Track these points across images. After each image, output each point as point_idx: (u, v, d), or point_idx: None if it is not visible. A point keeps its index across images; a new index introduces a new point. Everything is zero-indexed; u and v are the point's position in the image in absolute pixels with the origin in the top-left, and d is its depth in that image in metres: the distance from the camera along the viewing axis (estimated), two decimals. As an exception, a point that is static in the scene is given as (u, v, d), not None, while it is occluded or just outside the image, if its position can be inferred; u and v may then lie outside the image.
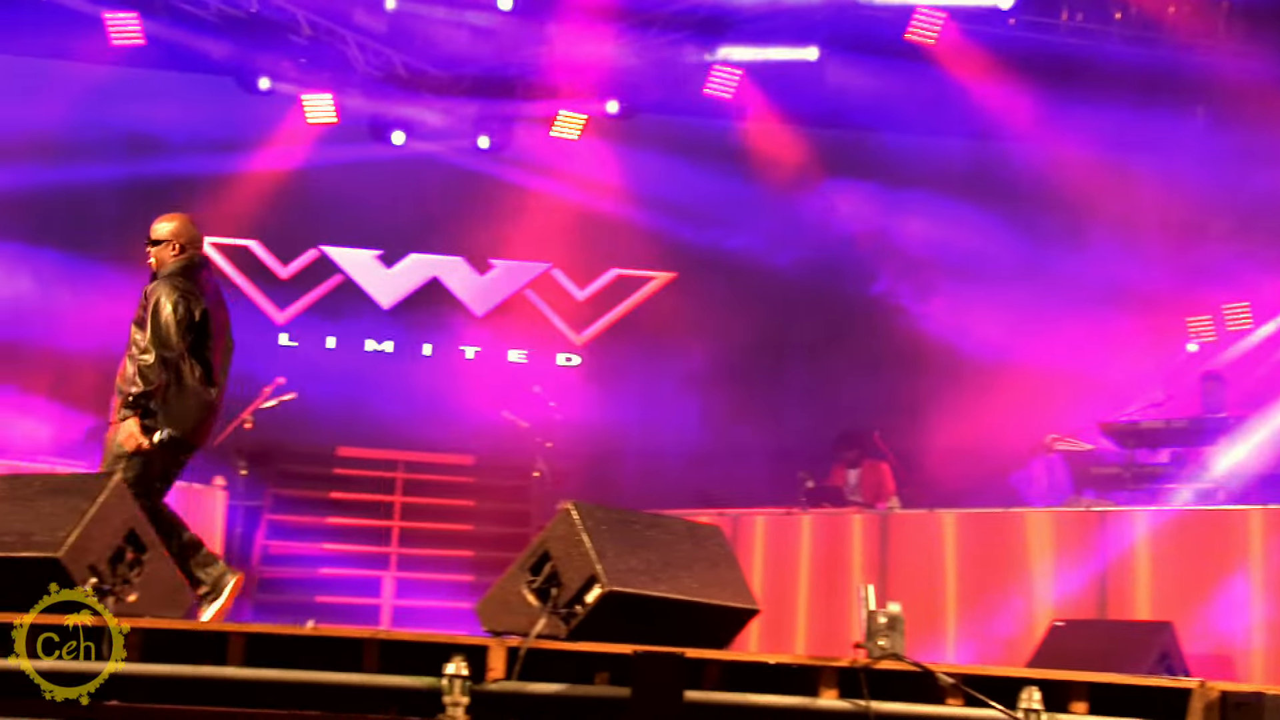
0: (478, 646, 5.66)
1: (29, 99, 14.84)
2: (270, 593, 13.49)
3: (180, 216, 8.01)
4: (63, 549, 5.92)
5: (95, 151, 15.17)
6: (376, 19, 15.05)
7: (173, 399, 7.62)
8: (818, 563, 11.53)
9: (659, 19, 14.94)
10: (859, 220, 15.73)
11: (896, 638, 5.78)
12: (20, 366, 14.33)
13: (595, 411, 15.59)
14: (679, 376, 15.82)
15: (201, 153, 15.30)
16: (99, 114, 15.00)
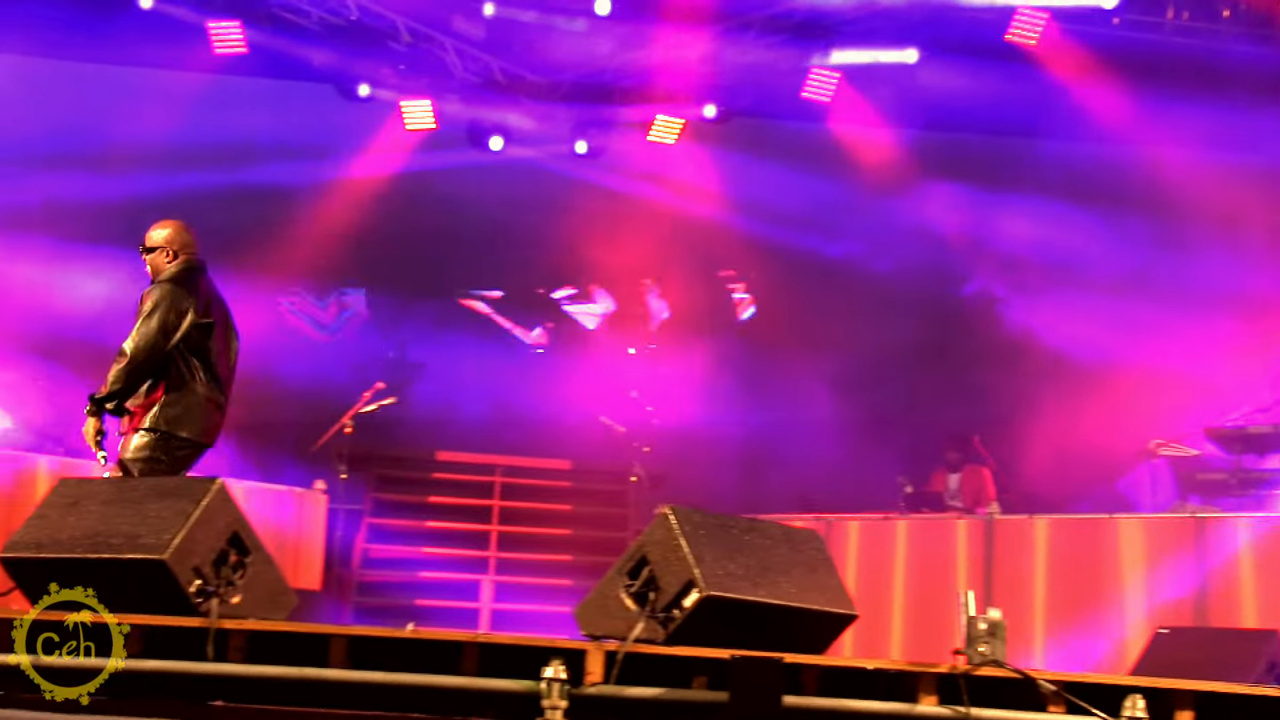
0: (576, 650, 5.67)
1: (134, 108, 15.07)
2: (370, 596, 13.58)
3: (173, 223, 8.16)
4: (168, 551, 5.99)
5: (196, 159, 15.35)
6: (475, 25, 15.12)
7: (175, 402, 7.70)
8: (914, 568, 11.45)
9: (756, 22, 14.89)
10: (958, 223, 15.60)
11: (997, 644, 5.72)
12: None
13: (693, 415, 15.57)
14: (777, 380, 15.77)
15: (301, 160, 15.46)
16: (201, 122, 15.17)
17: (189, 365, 7.74)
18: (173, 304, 7.68)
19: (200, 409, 7.74)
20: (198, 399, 7.74)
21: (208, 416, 7.80)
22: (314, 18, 14.97)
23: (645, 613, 5.99)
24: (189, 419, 7.71)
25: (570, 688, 5.53)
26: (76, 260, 14.56)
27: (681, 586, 5.93)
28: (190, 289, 7.82)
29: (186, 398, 7.71)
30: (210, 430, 7.83)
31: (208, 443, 7.85)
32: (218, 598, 6.09)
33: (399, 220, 16.31)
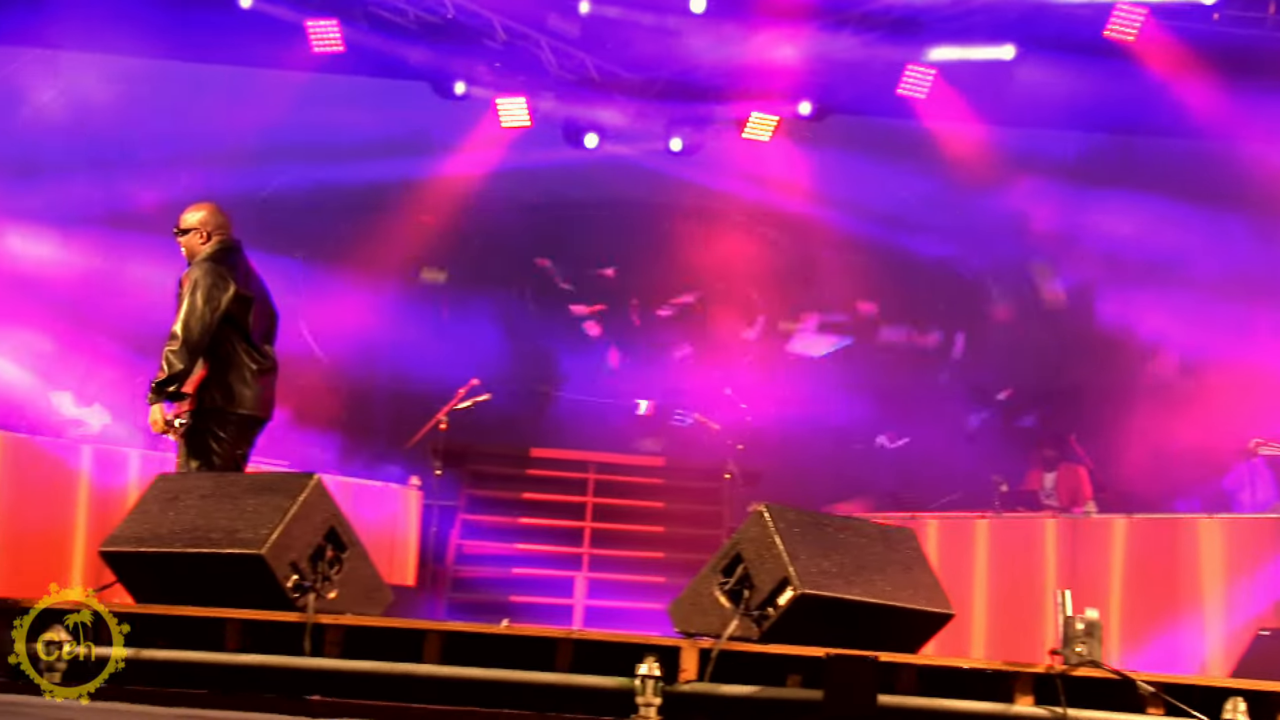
0: (670, 647, 5.67)
1: (233, 107, 15.25)
2: (465, 592, 13.64)
3: (207, 205, 8.16)
4: (265, 546, 6.05)
5: (294, 157, 15.51)
6: (570, 23, 15.15)
7: (232, 381, 7.75)
8: (996, 567, 11.35)
9: (852, 19, 14.81)
10: (1053, 220, 15.44)
11: (1094, 644, 5.66)
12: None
13: (788, 413, 15.53)
14: (872, 377, 15.69)
15: (398, 157, 15.57)
16: (299, 120, 15.32)
17: (233, 341, 7.80)
18: (214, 281, 7.74)
19: (252, 383, 7.80)
20: (250, 373, 7.80)
21: (261, 389, 7.86)
22: (411, 16, 15.06)
23: (739, 610, 5.99)
24: (241, 394, 7.77)
25: (664, 685, 5.54)
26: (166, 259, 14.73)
27: (776, 584, 5.92)
28: (228, 266, 7.87)
29: (236, 373, 7.77)
30: (265, 403, 7.89)
31: (264, 416, 7.91)
32: (314, 593, 6.14)
33: (494, 218, 16.39)
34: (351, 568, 6.43)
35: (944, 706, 5.63)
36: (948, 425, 15.07)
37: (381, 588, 6.66)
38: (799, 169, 16.20)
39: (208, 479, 6.76)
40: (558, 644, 5.84)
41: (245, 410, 7.77)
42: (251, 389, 7.80)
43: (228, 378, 7.75)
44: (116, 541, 6.55)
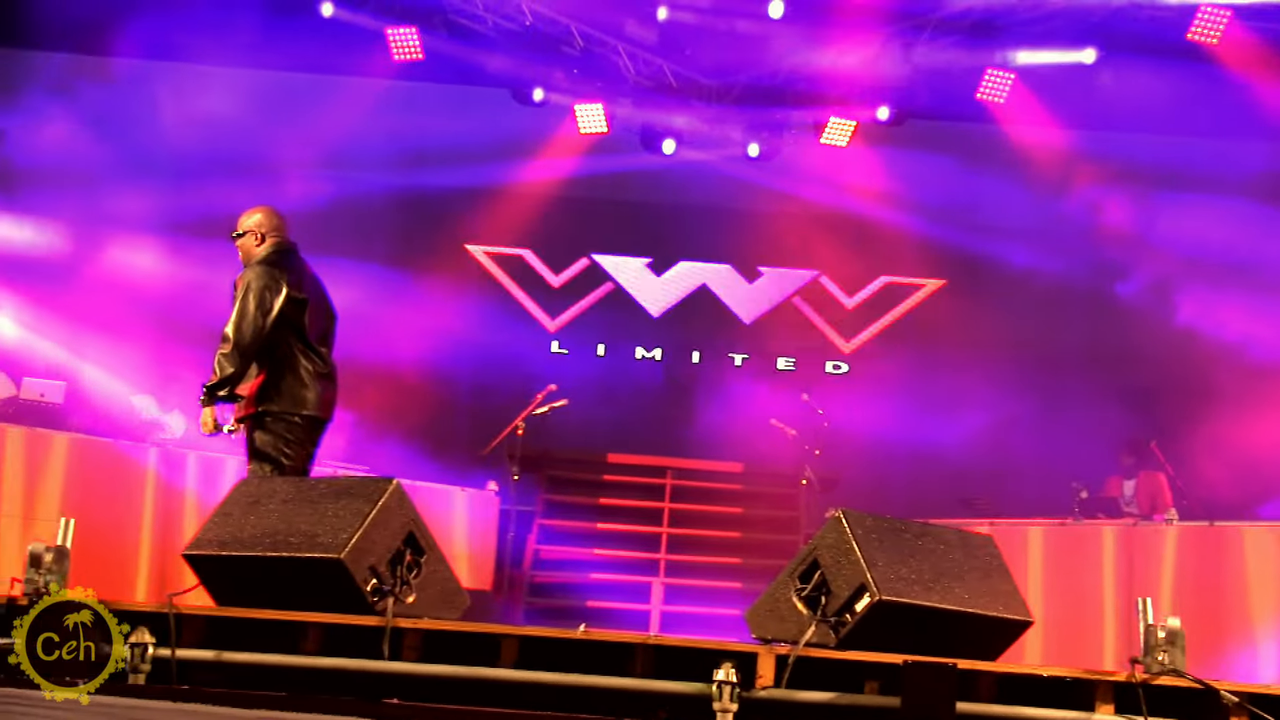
0: (747, 653, 5.65)
1: (315, 114, 15.40)
2: (541, 597, 13.67)
3: (262, 208, 8.20)
4: (345, 550, 6.08)
5: (373, 164, 15.64)
6: (647, 29, 15.19)
7: (292, 384, 7.79)
8: (1087, 574, 11.25)
9: (930, 23, 14.76)
10: (1133, 224, 15.30)
11: (1176, 653, 5.59)
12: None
13: (864, 419, 15.47)
14: (948, 384, 15.61)
15: (476, 163, 15.66)
16: (379, 127, 15.45)
17: (290, 343, 7.83)
18: (266, 284, 7.77)
19: (311, 384, 7.83)
20: (308, 375, 7.84)
21: (321, 391, 7.88)
22: (489, 24, 15.16)
23: (816, 616, 5.96)
24: (303, 396, 7.80)
25: (741, 691, 5.52)
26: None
27: (853, 591, 5.89)
28: (282, 269, 7.89)
29: (294, 375, 7.81)
30: (325, 404, 7.91)
31: (325, 417, 7.92)
32: (393, 597, 6.17)
33: (571, 223, 16.45)
34: (430, 572, 6.46)
35: (1023, 714, 5.58)
36: (1027, 430, 14.96)
37: (459, 592, 6.68)
38: (877, 174, 16.15)
39: (288, 484, 6.80)
40: (634, 649, 5.84)
41: (308, 412, 7.81)
42: (311, 390, 7.84)
43: (286, 381, 7.80)
44: (199, 545, 6.61)
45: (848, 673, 5.69)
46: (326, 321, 8.10)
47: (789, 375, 16.37)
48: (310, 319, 7.91)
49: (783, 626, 6.09)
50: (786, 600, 6.14)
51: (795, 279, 16.82)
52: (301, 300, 7.89)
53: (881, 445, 15.37)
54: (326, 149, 15.51)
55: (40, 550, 6.13)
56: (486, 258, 16.72)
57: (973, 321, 15.79)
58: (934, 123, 15.90)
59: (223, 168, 15.23)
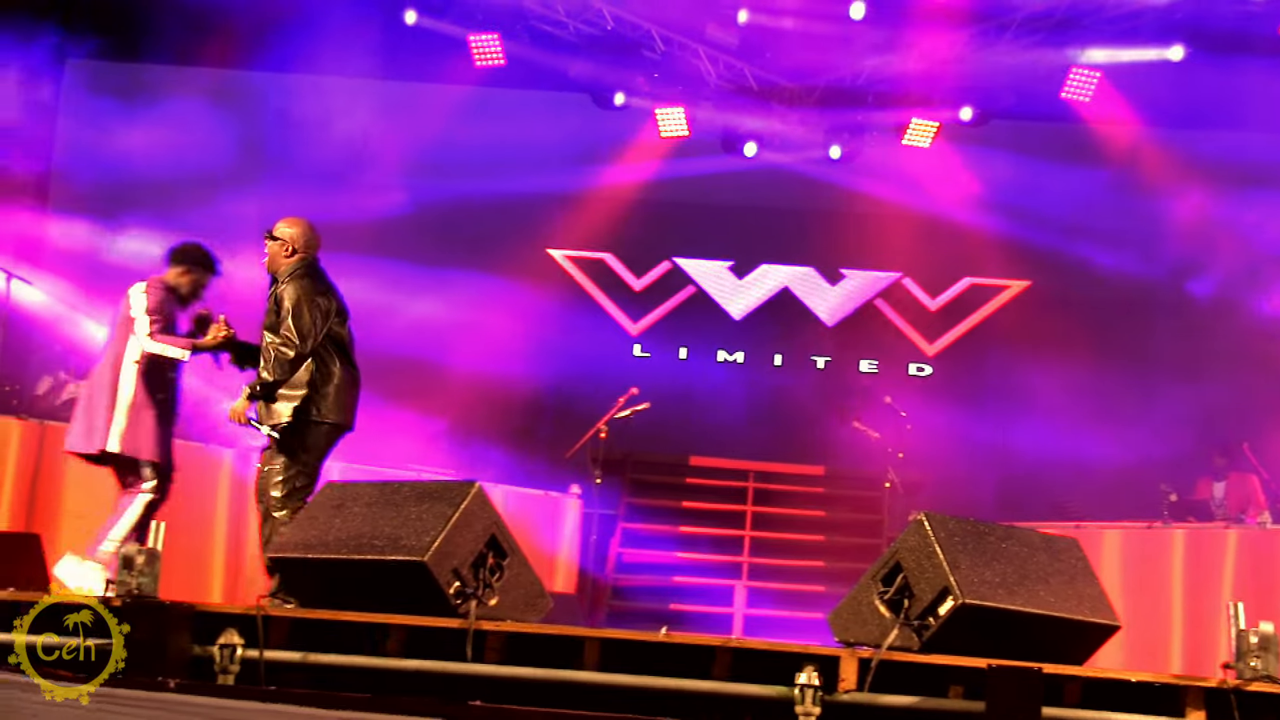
0: (830, 657, 5.64)
1: (398, 121, 15.53)
2: (624, 600, 13.70)
3: (302, 222, 8.32)
4: (428, 553, 6.12)
5: (458, 169, 15.72)
6: (728, 32, 15.18)
7: (333, 391, 7.96)
8: (1177, 578, 11.12)
9: (1014, 23, 14.65)
10: (1221, 224, 15.11)
11: (1269, 658, 5.52)
12: (389, 378, 14.93)
13: (947, 422, 15.39)
14: (1033, 385, 15.48)
15: (557, 168, 15.70)
16: (462, 133, 15.53)
17: (329, 353, 8.01)
18: (314, 298, 7.95)
19: (346, 394, 8.04)
20: (344, 384, 8.03)
21: (352, 400, 8.09)
22: (571, 29, 15.20)
23: (900, 620, 5.94)
24: (335, 403, 7.97)
25: (824, 694, 5.50)
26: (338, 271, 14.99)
27: (937, 594, 5.86)
28: (323, 284, 8.10)
29: (335, 385, 7.99)
30: (352, 410, 8.09)
31: (351, 425, 8.09)
32: (476, 599, 6.20)
33: (652, 227, 16.46)
34: (512, 575, 6.48)
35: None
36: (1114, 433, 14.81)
37: (542, 595, 6.70)
38: (959, 175, 16.05)
39: (373, 487, 6.85)
40: (717, 652, 5.84)
41: (335, 420, 7.98)
42: (349, 400, 8.07)
43: (335, 391, 7.98)
44: (283, 547, 6.68)
45: (931, 677, 5.67)
46: (350, 335, 8.30)
47: (872, 378, 16.29)
48: (345, 331, 8.16)
49: (865, 630, 6.07)
50: (869, 603, 6.12)
51: (878, 281, 16.74)
52: (344, 313, 8.15)
53: (965, 448, 15.27)
54: (410, 155, 15.63)
55: (132, 552, 6.22)
56: (568, 262, 16.77)
57: (1058, 322, 15.65)
58: (1018, 123, 15.78)
59: (307, 175, 15.39)
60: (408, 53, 15.02)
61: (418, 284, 15.22)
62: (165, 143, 15.07)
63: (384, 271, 15.17)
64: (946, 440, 15.16)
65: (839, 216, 16.36)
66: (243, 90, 15.72)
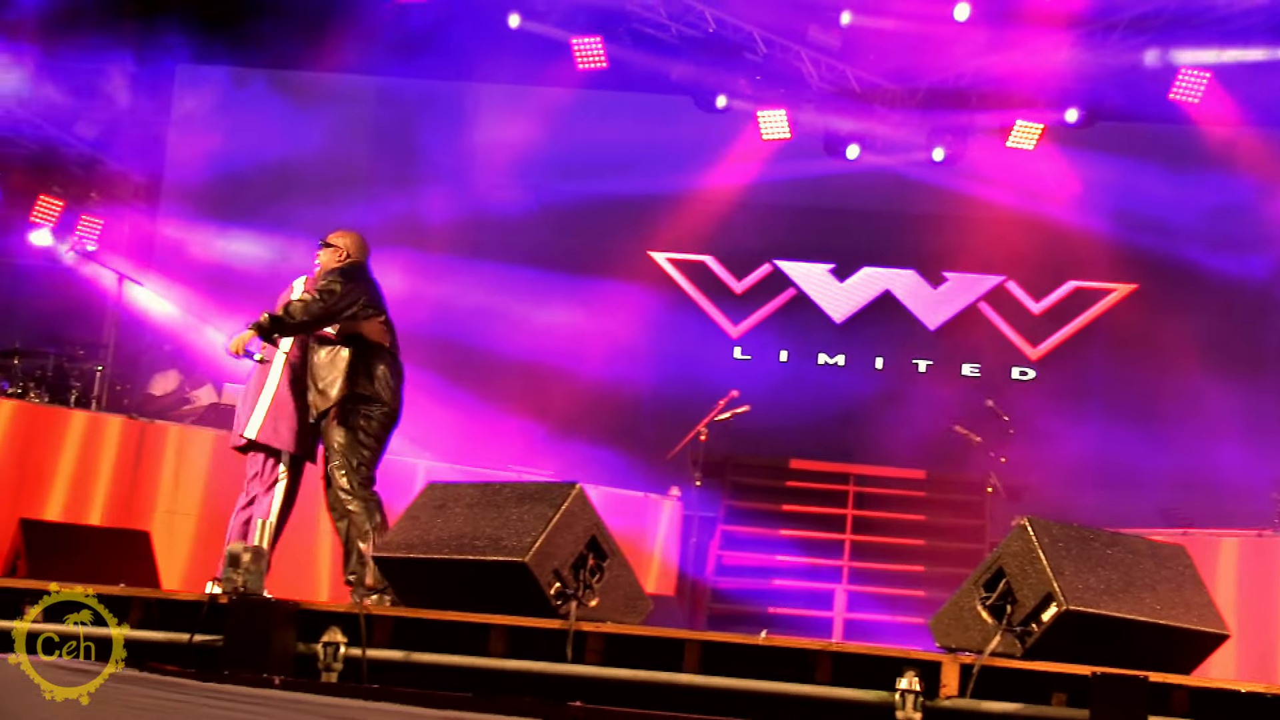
0: (931, 662, 5.61)
1: (502, 124, 15.63)
2: (723, 603, 13.68)
3: (354, 235, 8.70)
4: (529, 554, 6.15)
5: (559, 172, 15.79)
6: (831, 34, 15.12)
7: (391, 383, 8.29)
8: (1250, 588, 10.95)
9: (1121, 23, 14.48)
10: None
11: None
12: (492, 378, 15.05)
13: (1051, 426, 15.24)
14: (1139, 390, 15.29)
15: (659, 170, 15.71)
16: (564, 136, 15.60)
17: (383, 349, 8.34)
18: (353, 284, 8.28)
19: (396, 386, 8.34)
20: (396, 378, 8.38)
21: (394, 389, 8.34)
22: (673, 31, 15.22)
23: (1002, 626, 5.89)
24: (377, 392, 8.24)
25: (925, 700, 5.47)
26: (441, 273, 15.15)
27: (1040, 600, 5.81)
28: (361, 279, 8.39)
29: (394, 378, 8.36)
30: (400, 395, 8.38)
31: (398, 402, 8.38)
32: (576, 600, 6.22)
33: (753, 230, 16.44)
34: (613, 576, 6.50)
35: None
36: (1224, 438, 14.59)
37: (642, 597, 6.72)
38: (1065, 177, 15.88)
39: (474, 488, 6.90)
40: (817, 656, 5.82)
41: (382, 408, 8.27)
42: (386, 389, 8.35)
43: (394, 382, 8.38)
44: (387, 547, 6.74)
45: (1034, 684, 5.61)
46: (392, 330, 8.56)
47: (974, 381, 16.17)
48: (381, 326, 8.43)
49: (967, 635, 6.03)
50: (971, 609, 6.07)
51: (981, 284, 16.60)
52: (378, 305, 8.44)
53: (1069, 453, 15.09)
54: (512, 159, 15.72)
55: (239, 550, 6.30)
56: (669, 264, 16.77)
57: (1166, 326, 15.43)
58: (1125, 124, 15.59)
59: (414, 179, 15.56)
60: (511, 56, 15.10)
61: (520, 286, 15.31)
62: (274, 146, 15.27)
63: (487, 274, 15.29)
64: (1050, 445, 15.01)
65: (941, 219, 16.24)
66: (351, 94, 15.90)
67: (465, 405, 14.28)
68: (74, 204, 14.92)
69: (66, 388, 12.03)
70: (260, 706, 5.44)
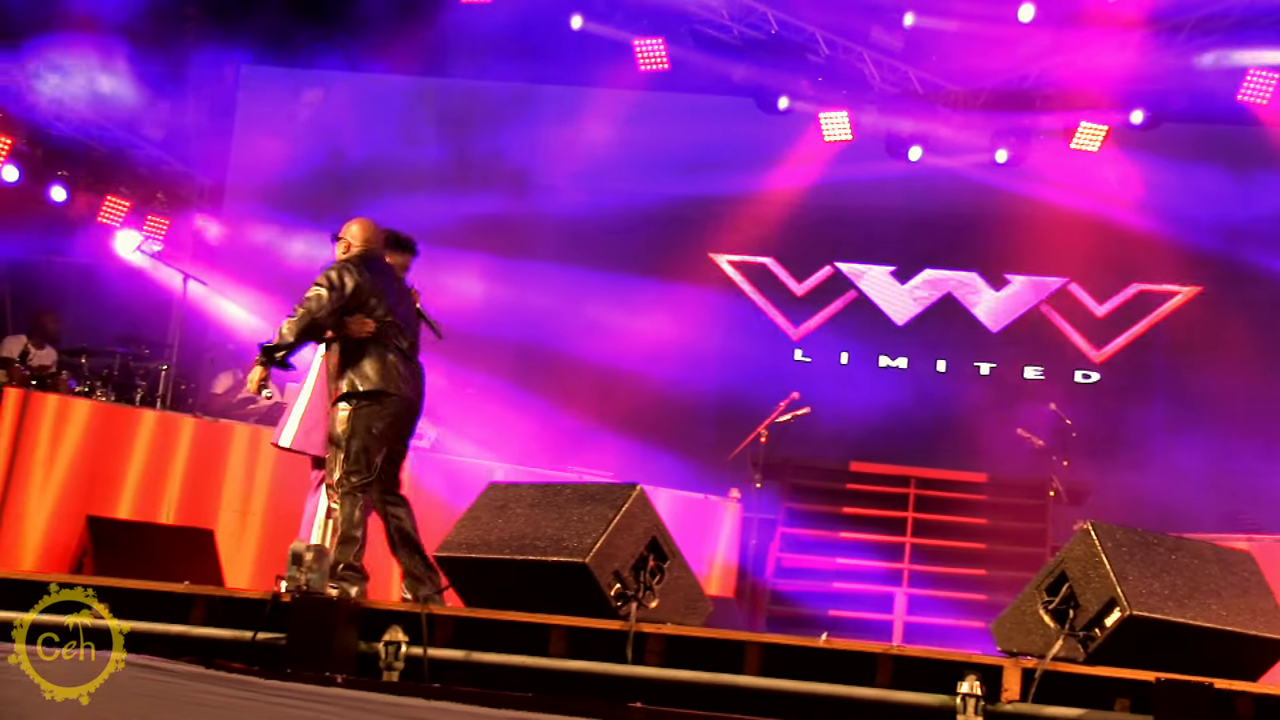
0: (992, 666, 5.58)
1: (563, 127, 15.66)
2: (783, 605, 13.65)
3: (360, 221, 8.47)
4: (589, 555, 6.17)
5: (622, 173, 15.81)
6: (894, 36, 15.06)
7: (382, 375, 7.99)
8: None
9: (1188, 24, 14.35)
10: None
11: None
12: (554, 379, 15.09)
13: (1114, 430, 15.12)
14: (1204, 394, 15.16)
15: (720, 172, 15.71)
16: (625, 137, 15.61)
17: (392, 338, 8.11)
18: (332, 279, 8.02)
19: (372, 375, 8.00)
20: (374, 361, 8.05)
21: (386, 381, 8.03)
22: (735, 33, 15.21)
23: (1064, 630, 5.86)
24: (370, 377, 7.98)
25: (986, 704, 5.45)
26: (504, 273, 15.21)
27: (1103, 605, 5.77)
28: (352, 272, 8.11)
29: (365, 358, 8.04)
30: (397, 385, 8.05)
31: (393, 391, 8.03)
32: (636, 601, 6.24)
33: (814, 231, 16.40)
34: (673, 578, 6.51)
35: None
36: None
37: (702, 599, 6.72)
38: (1129, 179, 15.76)
39: (535, 489, 6.92)
40: (878, 659, 5.81)
41: (367, 389, 7.99)
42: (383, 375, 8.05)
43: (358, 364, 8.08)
44: (449, 547, 6.77)
45: (1097, 689, 5.58)
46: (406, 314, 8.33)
47: (1037, 384, 16.07)
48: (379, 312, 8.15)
49: (1029, 640, 6.00)
50: (1033, 613, 6.05)
51: (1044, 286, 16.51)
52: (365, 294, 8.11)
53: (1132, 456, 14.99)
54: (574, 160, 15.76)
55: (301, 549, 6.35)
56: (730, 266, 16.76)
57: (1230, 329, 15.30)
58: (1191, 126, 15.45)
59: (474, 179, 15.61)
60: (573, 58, 15.13)
61: (582, 287, 15.33)
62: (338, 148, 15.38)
63: (550, 275, 15.33)
64: (1113, 448, 14.91)
65: (1004, 221, 16.15)
66: (415, 96, 15.97)
67: (528, 406, 14.32)
68: (140, 205, 15.05)
69: (132, 387, 12.14)
70: (324, 705, 5.48)
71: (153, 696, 5.63)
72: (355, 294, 8.02)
